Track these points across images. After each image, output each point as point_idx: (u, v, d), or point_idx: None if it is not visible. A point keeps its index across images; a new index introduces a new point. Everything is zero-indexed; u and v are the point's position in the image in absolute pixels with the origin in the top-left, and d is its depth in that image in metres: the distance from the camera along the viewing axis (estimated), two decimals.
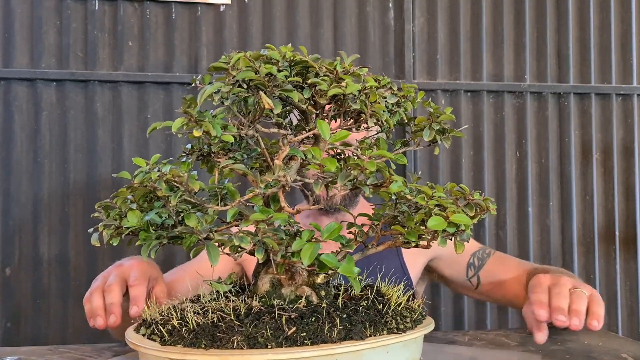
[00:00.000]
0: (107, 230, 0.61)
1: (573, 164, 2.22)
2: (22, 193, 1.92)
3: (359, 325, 0.61)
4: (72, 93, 1.96)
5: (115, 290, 0.94)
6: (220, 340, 0.58)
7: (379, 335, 0.61)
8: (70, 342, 1.90)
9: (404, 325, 0.65)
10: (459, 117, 2.17)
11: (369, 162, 0.62)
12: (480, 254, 1.36)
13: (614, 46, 2.25)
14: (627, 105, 2.27)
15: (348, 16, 2.11)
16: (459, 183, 2.24)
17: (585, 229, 2.24)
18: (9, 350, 0.97)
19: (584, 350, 0.94)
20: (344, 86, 0.62)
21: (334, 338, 0.59)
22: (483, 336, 1.04)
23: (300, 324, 0.59)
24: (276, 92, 0.61)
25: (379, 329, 0.62)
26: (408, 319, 0.66)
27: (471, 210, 0.68)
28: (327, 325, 0.59)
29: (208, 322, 0.60)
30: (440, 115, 0.74)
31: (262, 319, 0.60)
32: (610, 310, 2.23)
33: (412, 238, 0.67)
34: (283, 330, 0.58)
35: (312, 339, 0.58)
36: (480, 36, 2.19)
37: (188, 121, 0.60)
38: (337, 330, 0.59)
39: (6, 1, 1.93)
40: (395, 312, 0.66)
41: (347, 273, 0.59)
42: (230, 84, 0.60)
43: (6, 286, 1.90)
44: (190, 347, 0.58)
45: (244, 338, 0.57)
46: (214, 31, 2.03)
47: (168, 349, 0.59)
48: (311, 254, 0.58)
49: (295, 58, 0.65)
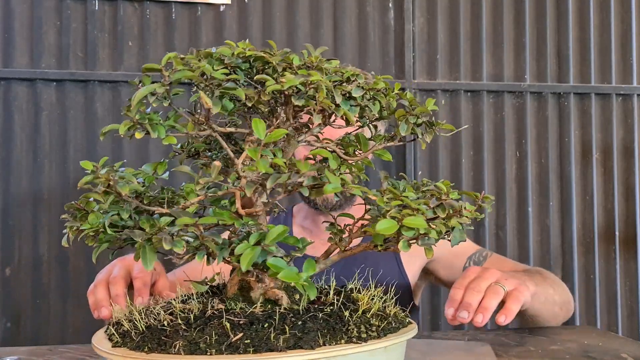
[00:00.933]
0: (71, 231, 0.61)
1: (573, 164, 2.22)
2: (22, 193, 1.92)
3: (312, 333, 0.56)
4: (72, 93, 1.96)
5: (120, 282, 0.96)
6: (164, 344, 0.56)
7: (336, 344, 0.56)
8: (70, 342, 1.90)
9: (368, 334, 0.59)
10: (459, 117, 2.17)
11: (304, 164, 0.58)
12: (477, 257, 1.35)
13: (614, 46, 2.25)
14: (627, 105, 2.27)
15: (348, 16, 2.11)
16: (459, 183, 2.24)
17: (585, 229, 2.24)
18: (9, 350, 0.97)
19: (584, 350, 0.94)
20: (283, 81, 0.58)
21: (281, 347, 0.54)
22: (483, 336, 1.04)
23: (249, 331, 0.56)
24: (216, 91, 0.59)
25: (336, 337, 0.57)
26: (375, 327, 0.61)
27: (443, 211, 0.63)
28: (274, 333, 0.55)
29: (158, 325, 0.59)
30: (417, 108, 0.69)
31: (210, 324, 0.57)
32: (610, 310, 2.23)
33: (378, 242, 0.63)
34: (229, 336, 0.55)
35: (256, 346, 0.54)
36: (480, 36, 2.19)
37: (132, 124, 0.58)
38: (285, 338, 0.55)
39: (6, 1, 1.93)
40: (362, 319, 0.61)
41: (288, 279, 0.55)
42: (167, 85, 0.58)
43: (6, 286, 1.90)
44: (135, 350, 0.57)
45: (187, 343, 0.55)
46: (214, 31, 2.03)
47: (115, 351, 0.58)
48: (250, 258, 0.55)
49: (248, 54, 0.62)
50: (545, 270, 1.26)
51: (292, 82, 0.58)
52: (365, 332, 0.59)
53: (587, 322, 2.20)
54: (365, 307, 0.63)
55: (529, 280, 1.05)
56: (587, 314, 2.22)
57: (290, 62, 0.62)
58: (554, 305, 1.14)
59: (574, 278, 2.20)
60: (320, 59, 0.65)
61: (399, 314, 0.67)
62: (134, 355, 0.56)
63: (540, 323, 1.15)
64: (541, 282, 1.11)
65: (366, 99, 0.66)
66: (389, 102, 0.69)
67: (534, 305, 1.06)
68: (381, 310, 0.65)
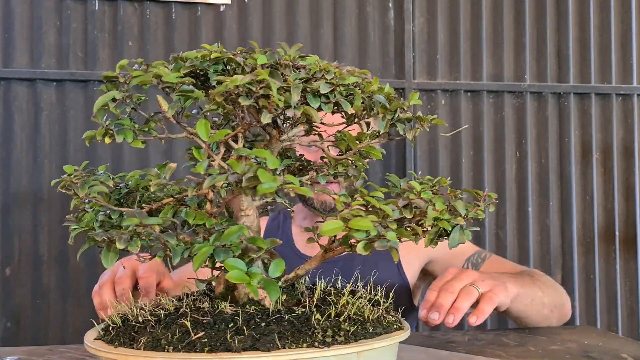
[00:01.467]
0: (73, 230, 0.63)
1: (573, 164, 2.22)
2: (22, 193, 1.92)
3: (271, 335, 0.55)
4: (72, 93, 1.96)
5: (126, 281, 0.98)
6: (132, 339, 0.58)
7: (296, 348, 0.55)
8: (70, 342, 1.90)
9: (335, 338, 0.57)
10: (459, 117, 2.17)
11: (235, 163, 0.57)
12: (475, 258, 1.33)
13: (614, 46, 2.26)
14: (627, 105, 2.27)
15: (348, 16, 2.11)
16: (459, 183, 2.25)
17: (585, 229, 2.24)
18: (9, 350, 0.97)
19: (584, 350, 0.94)
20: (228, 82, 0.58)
21: (236, 347, 0.54)
22: (483, 336, 1.04)
23: (211, 330, 0.56)
24: (172, 95, 0.60)
25: (298, 340, 0.56)
26: (344, 331, 0.58)
27: (410, 212, 0.60)
28: (231, 333, 0.55)
29: (133, 321, 0.61)
30: (393, 103, 0.66)
31: (177, 322, 0.58)
32: (610, 310, 2.23)
33: (345, 244, 0.61)
34: (190, 335, 0.56)
35: (213, 346, 0.54)
36: (480, 36, 2.19)
37: (104, 130, 0.60)
38: (241, 339, 0.55)
39: (6, 1, 1.93)
40: (332, 322, 0.59)
41: (235, 279, 0.54)
42: (124, 91, 0.60)
43: (6, 286, 1.90)
44: (107, 344, 0.59)
45: (151, 339, 0.57)
46: (214, 31, 2.03)
47: (93, 344, 0.60)
48: (202, 260, 0.55)
49: (213, 56, 0.62)
50: (541, 273, 1.25)
51: (234, 82, 0.57)
52: (332, 336, 0.57)
53: (587, 322, 2.20)
54: (339, 311, 0.61)
55: (511, 282, 1.05)
56: (587, 314, 2.22)
57: (256, 61, 0.62)
58: (543, 308, 1.13)
59: (574, 278, 2.21)
60: (291, 57, 0.64)
61: (385, 319, 0.64)
62: (104, 347, 0.58)
63: (528, 324, 1.15)
64: (529, 284, 1.11)
65: (339, 95, 0.62)
66: (372, 97, 0.66)
67: (517, 307, 1.06)
68: (359, 314, 0.62)
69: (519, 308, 1.08)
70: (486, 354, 0.92)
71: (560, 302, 1.19)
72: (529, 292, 1.09)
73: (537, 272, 1.25)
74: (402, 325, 0.66)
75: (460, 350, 0.94)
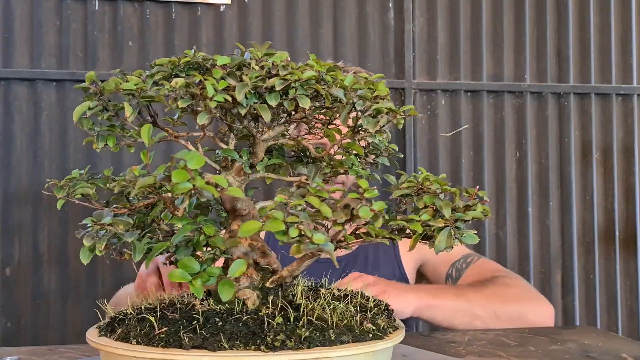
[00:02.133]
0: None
1: (573, 164, 2.22)
2: (22, 193, 1.92)
3: (220, 335, 0.56)
4: (72, 93, 1.96)
5: (152, 277, 1.08)
6: (114, 331, 0.62)
7: (243, 350, 0.55)
8: (70, 342, 1.90)
9: (285, 344, 0.56)
10: (459, 117, 2.17)
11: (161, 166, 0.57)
12: (460, 263, 1.31)
13: (614, 46, 2.26)
14: (627, 105, 2.27)
15: (348, 16, 2.11)
16: (459, 183, 2.25)
17: (585, 229, 2.24)
18: (9, 350, 0.97)
19: (583, 350, 0.94)
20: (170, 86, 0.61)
21: (186, 345, 0.56)
22: (483, 336, 1.04)
23: (174, 327, 0.58)
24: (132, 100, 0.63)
25: (248, 342, 0.56)
26: (297, 337, 0.56)
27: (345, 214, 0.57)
28: (186, 330, 0.57)
29: (121, 315, 0.65)
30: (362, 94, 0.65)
31: (151, 317, 0.61)
32: (610, 310, 2.23)
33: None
34: (154, 330, 0.59)
35: (167, 342, 0.57)
36: (480, 36, 2.19)
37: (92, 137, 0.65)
38: (192, 336, 0.56)
39: (6, 1, 1.93)
40: (289, 326, 0.58)
41: (175, 278, 0.57)
42: (97, 100, 0.64)
43: (6, 286, 1.90)
44: (98, 334, 0.64)
45: (124, 332, 0.60)
46: (214, 31, 2.03)
47: (90, 333, 0.65)
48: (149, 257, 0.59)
49: (182, 61, 0.64)
50: (511, 282, 1.22)
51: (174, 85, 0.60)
52: (282, 340, 0.56)
53: (587, 322, 2.20)
54: (304, 314, 0.60)
55: (420, 293, 1.10)
56: (587, 314, 2.22)
57: (215, 62, 0.63)
58: (473, 319, 1.13)
59: (574, 278, 2.21)
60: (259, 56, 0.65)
61: (361, 327, 0.61)
62: (92, 336, 0.63)
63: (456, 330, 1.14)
64: (450, 296, 1.13)
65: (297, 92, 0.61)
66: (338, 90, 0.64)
67: (431, 316, 1.10)
68: (323, 319, 0.60)
69: (434, 318, 1.11)
70: (486, 354, 0.92)
71: (515, 314, 1.16)
72: (448, 304, 1.11)
73: (503, 281, 1.22)
74: (383, 334, 0.62)
75: (461, 350, 0.94)
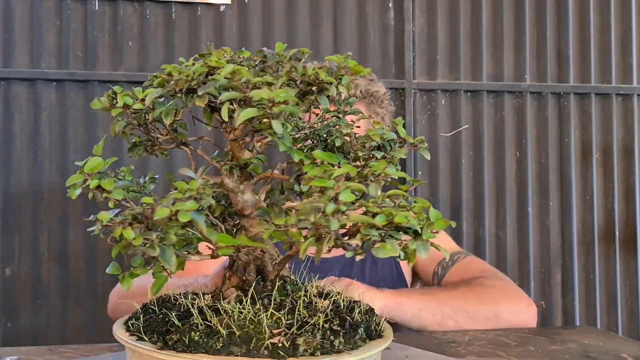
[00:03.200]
0: None
1: (573, 164, 2.22)
2: (22, 193, 1.92)
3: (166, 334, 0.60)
4: (72, 93, 1.96)
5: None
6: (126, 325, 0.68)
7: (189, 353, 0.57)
8: (70, 342, 1.90)
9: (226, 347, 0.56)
10: (459, 117, 2.17)
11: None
12: (446, 262, 1.31)
13: (614, 46, 2.25)
14: (627, 105, 2.27)
15: (348, 16, 2.11)
16: (459, 183, 2.24)
17: (585, 229, 2.24)
18: (9, 350, 0.97)
19: (583, 350, 0.94)
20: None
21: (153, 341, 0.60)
22: (483, 336, 1.04)
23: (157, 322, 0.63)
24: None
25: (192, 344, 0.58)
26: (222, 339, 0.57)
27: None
28: (159, 326, 0.62)
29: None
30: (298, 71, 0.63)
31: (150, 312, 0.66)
32: (610, 310, 2.23)
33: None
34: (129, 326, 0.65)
35: (135, 335, 0.62)
36: (480, 36, 2.19)
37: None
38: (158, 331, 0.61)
39: (6, 1, 1.93)
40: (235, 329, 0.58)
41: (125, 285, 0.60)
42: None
43: (6, 286, 1.90)
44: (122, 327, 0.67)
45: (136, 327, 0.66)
46: (214, 31, 2.03)
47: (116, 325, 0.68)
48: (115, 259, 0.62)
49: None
50: (490, 281, 1.21)
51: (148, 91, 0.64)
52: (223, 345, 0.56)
53: (587, 322, 2.20)
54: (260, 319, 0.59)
55: (389, 293, 1.08)
56: (587, 314, 2.22)
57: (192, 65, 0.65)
58: (444, 318, 1.12)
59: (574, 278, 2.21)
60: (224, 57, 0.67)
61: (261, 342, 0.57)
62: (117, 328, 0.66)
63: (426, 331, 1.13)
64: (418, 295, 1.13)
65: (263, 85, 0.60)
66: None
67: (399, 315, 1.09)
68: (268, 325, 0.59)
69: (404, 317, 1.09)
70: (486, 354, 0.92)
71: (490, 314, 1.15)
72: (416, 303, 1.10)
73: (481, 282, 1.21)
74: (286, 355, 0.56)
75: (461, 350, 0.94)
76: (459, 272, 1.28)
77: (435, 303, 1.12)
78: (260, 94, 0.55)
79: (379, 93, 1.38)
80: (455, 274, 1.28)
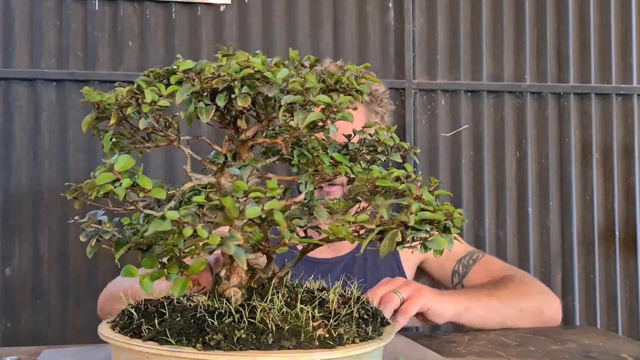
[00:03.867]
0: None
1: (573, 164, 2.22)
2: (22, 193, 1.92)
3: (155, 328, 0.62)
4: (72, 93, 1.96)
5: None
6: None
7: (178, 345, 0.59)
8: (70, 342, 1.90)
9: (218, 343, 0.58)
10: (459, 117, 2.17)
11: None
12: (467, 260, 1.34)
13: (614, 46, 2.25)
14: (627, 105, 2.27)
15: (348, 16, 2.11)
16: (459, 183, 2.24)
17: (585, 229, 2.24)
18: (9, 350, 0.97)
19: (583, 350, 0.94)
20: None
21: (144, 337, 0.62)
22: (483, 336, 1.04)
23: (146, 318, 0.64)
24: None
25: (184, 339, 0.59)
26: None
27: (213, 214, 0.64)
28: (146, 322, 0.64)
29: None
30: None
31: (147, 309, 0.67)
32: (610, 310, 2.23)
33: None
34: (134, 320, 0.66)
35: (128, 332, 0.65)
36: (480, 36, 2.19)
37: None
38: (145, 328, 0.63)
39: (6, 1, 1.93)
40: (230, 326, 0.59)
41: (125, 274, 0.62)
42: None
43: (6, 286, 1.90)
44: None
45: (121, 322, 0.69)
46: (214, 31, 2.03)
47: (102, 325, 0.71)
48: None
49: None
50: (524, 279, 1.27)
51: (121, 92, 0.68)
52: (218, 341, 0.58)
53: (587, 322, 2.20)
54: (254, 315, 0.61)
55: (460, 294, 1.13)
56: (587, 314, 2.22)
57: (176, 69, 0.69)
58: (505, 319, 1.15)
59: (574, 278, 2.21)
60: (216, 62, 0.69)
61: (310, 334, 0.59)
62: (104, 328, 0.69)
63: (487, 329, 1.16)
64: (481, 297, 1.15)
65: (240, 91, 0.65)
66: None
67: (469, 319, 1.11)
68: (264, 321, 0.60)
69: (472, 321, 1.12)
70: (486, 354, 0.92)
71: (537, 309, 1.21)
72: (484, 305, 1.13)
73: (519, 278, 1.26)
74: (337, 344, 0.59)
75: (461, 350, 0.94)
76: (484, 270, 1.31)
77: (499, 304, 1.15)
78: (323, 99, 0.61)
79: (378, 92, 1.38)
80: (481, 273, 1.31)
